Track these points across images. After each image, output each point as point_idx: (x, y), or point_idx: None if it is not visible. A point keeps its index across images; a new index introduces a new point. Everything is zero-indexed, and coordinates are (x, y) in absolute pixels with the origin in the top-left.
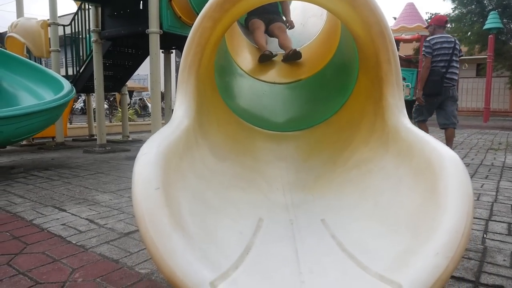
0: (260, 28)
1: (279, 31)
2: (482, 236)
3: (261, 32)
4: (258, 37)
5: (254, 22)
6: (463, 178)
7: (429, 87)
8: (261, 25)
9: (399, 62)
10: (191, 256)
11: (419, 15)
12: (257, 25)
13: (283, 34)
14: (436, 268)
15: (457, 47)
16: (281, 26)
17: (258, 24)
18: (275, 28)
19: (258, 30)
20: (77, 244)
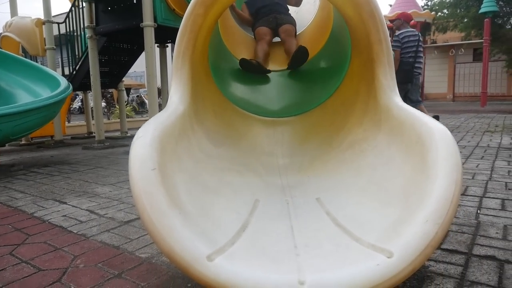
0: (264, 39)
1: (286, 35)
2: (476, 211)
3: (264, 43)
4: (259, 49)
5: (259, 31)
6: (451, 149)
7: (401, 76)
8: (267, 35)
9: (390, 42)
10: (188, 232)
11: (414, 1)
12: (262, 35)
13: (290, 39)
14: (426, 235)
15: (420, 39)
16: (288, 29)
17: (263, 34)
18: (282, 31)
19: (261, 42)
20: (78, 233)
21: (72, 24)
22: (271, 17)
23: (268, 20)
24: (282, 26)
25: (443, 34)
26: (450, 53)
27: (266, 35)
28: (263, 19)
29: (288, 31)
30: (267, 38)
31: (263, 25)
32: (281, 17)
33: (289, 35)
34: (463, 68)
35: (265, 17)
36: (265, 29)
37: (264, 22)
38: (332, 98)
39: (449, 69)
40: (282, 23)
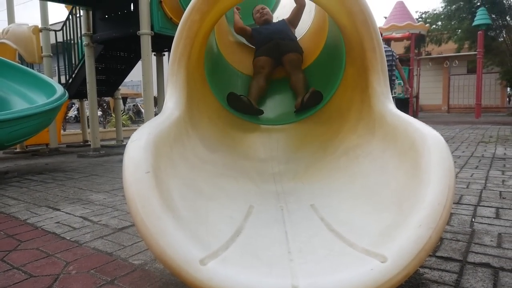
0: (261, 72)
1: (290, 66)
2: (471, 220)
3: (261, 78)
4: (253, 85)
5: (257, 62)
6: (444, 154)
7: None
8: (265, 67)
9: (383, 50)
10: (181, 236)
11: (409, 14)
12: (260, 68)
13: (296, 72)
14: (419, 239)
15: (394, 54)
16: (293, 59)
17: (261, 67)
18: (287, 61)
19: (258, 76)
20: (71, 240)
21: (69, 31)
22: (272, 44)
23: (269, 47)
24: (286, 55)
25: (438, 46)
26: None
27: (265, 67)
28: (264, 47)
29: (293, 62)
30: (265, 71)
31: (263, 54)
32: (284, 43)
33: (295, 66)
34: (458, 80)
35: (266, 43)
36: (264, 60)
37: (264, 51)
38: (327, 105)
39: (444, 80)
40: (286, 51)
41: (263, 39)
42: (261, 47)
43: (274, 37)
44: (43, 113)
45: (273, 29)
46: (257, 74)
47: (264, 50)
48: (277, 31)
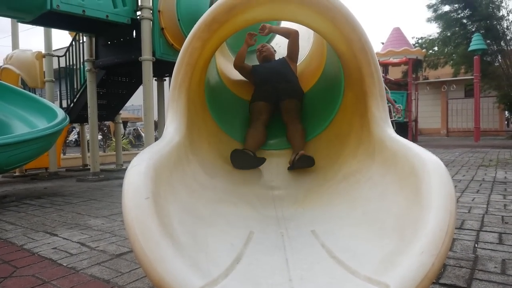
0: (259, 119)
1: (287, 115)
2: (474, 245)
3: (259, 126)
4: (250, 134)
5: (254, 108)
6: (444, 179)
7: None
8: (263, 113)
9: (381, 76)
10: (180, 263)
11: (405, 39)
12: (257, 114)
13: (294, 122)
14: (422, 266)
15: None
16: (291, 107)
17: (258, 113)
18: (283, 109)
19: (255, 124)
20: (67, 266)
21: (72, 57)
22: (270, 87)
23: (267, 91)
24: (283, 102)
25: (435, 70)
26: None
27: (262, 114)
28: (260, 90)
29: (290, 111)
30: (263, 117)
31: (260, 99)
32: (282, 87)
33: (291, 116)
34: (456, 104)
35: (263, 86)
36: (262, 105)
37: (261, 94)
38: (326, 130)
39: (442, 104)
40: (283, 96)
41: (260, 81)
42: (258, 90)
43: (272, 79)
44: (44, 137)
45: (271, 70)
46: (255, 121)
47: (261, 95)
48: (275, 72)
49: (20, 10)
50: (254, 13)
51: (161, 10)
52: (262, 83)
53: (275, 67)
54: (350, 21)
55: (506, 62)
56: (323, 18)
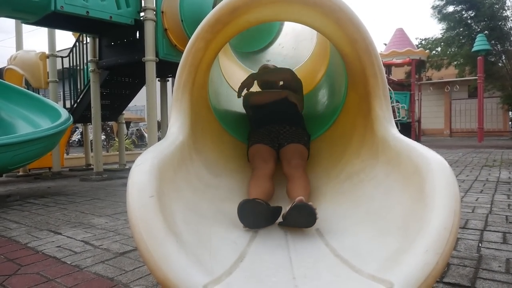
0: (263, 169)
1: (288, 165)
2: (478, 245)
3: (263, 179)
4: (253, 187)
5: (254, 151)
6: (449, 178)
7: None
8: (268, 161)
9: (385, 76)
10: (184, 261)
11: (408, 40)
12: (261, 162)
13: (298, 175)
14: (426, 265)
15: None
16: (297, 155)
17: (262, 160)
18: (284, 157)
19: (258, 175)
20: (72, 264)
21: (75, 58)
22: (272, 128)
23: (270, 132)
24: (288, 146)
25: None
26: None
27: (267, 162)
28: (263, 129)
29: (291, 161)
30: (268, 167)
31: (262, 141)
32: (285, 131)
33: (293, 165)
34: (459, 104)
35: (265, 125)
36: (266, 151)
37: (263, 135)
38: (330, 130)
39: (445, 105)
40: (285, 141)
41: (259, 119)
42: (257, 129)
43: (273, 119)
44: (47, 137)
45: (271, 108)
46: (258, 169)
47: (264, 134)
48: (276, 111)
49: (24, 11)
50: (258, 14)
51: (164, 11)
52: (261, 122)
53: (276, 104)
54: (354, 22)
55: (511, 62)
56: (327, 19)
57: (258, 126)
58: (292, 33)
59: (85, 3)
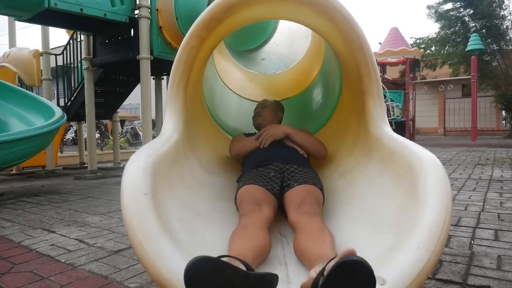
0: (254, 216)
1: (301, 213)
2: (470, 242)
3: (254, 223)
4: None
5: (243, 193)
6: (440, 176)
7: None
8: (263, 205)
9: (379, 74)
10: (179, 258)
11: (403, 39)
12: (252, 208)
13: (315, 224)
14: (418, 261)
15: None
16: (311, 201)
17: (254, 202)
18: (295, 201)
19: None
20: (65, 263)
21: (69, 55)
22: (274, 167)
23: (267, 173)
24: (293, 189)
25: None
26: (439, 89)
27: (262, 204)
28: (256, 170)
29: (305, 205)
30: (262, 213)
31: (256, 182)
32: (292, 170)
33: (306, 211)
34: (453, 103)
35: (261, 166)
36: (259, 192)
37: (258, 175)
38: (324, 128)
39: (439, 104)
40: (294, 181)
41: (255, 158)
42: (251, 170)
43: (276, 157)
44: (41, 135)
45: (272, 148)
46: (247, 216)
47: (258, 175)
48: (279, 149)
49: (17, 8)
50: (253, 12)
51: (159, 9)
52: (258, 163)
53: (278, 146)
54: (348, 21)
55: (505, 61)
56: (321, 18)
57: (253, 167)
58: (287, 31)
59: (79, 0)
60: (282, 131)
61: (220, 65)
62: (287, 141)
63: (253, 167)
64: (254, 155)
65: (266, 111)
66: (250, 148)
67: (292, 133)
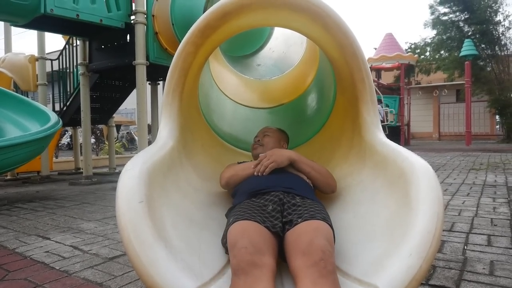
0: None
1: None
2: (463, 247)
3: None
4: None
5: (236, 233)
6: (433, 183)
7: None
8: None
9: (372, 81)
10: (173, 266)
11: (398, 45)
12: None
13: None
14: (410, 269)
15: None
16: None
17: (251, 249)
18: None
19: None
20: (60, 270)
21: (65, 61)
22: (272, 197)
23: (264, 206)
24: (297, 227)
25: (427, 76)
26: (434, 94)
27: (265, 254)
28: (250, 201)
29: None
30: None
31: (252, 217)
32: (295, 202)
33: (314, 261)
34: (447, 108)
35: (256, 195)
36: (257, 231)
37: (254, 207)
38: (319, 134)
39: (434, 109)
40: (298, 215)
41: (249, 186)
42: (244, 202)
43: (276, 186)
44: (36, 140)
45: (272, 176)
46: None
47: (254, 209)
48: (280, 178)
49: (13, 14)
50: (247, 19)
51: (155, 15)
52: (251, 189)
53: (279, 173)
54: (341, 27)
55: (499, 67)
56: (315, 24)
57: (246, 197)
58: (282, 38)
59: (75, 6)
60: (287, 157)
61: (215, 71)
62: (290, 169)
63: (246, 197)
64: (247, 184)
65: (269, 140)
66: (243, 176)
67: (298, 160)
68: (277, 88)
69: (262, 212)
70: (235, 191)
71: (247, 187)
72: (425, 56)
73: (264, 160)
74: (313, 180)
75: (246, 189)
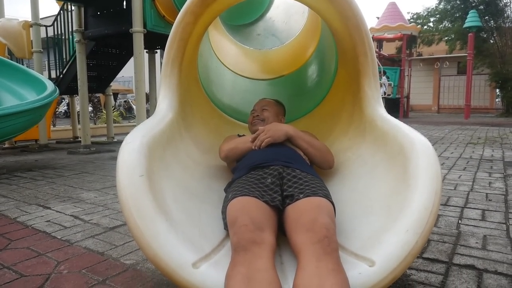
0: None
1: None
2: (457, 222)
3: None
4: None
5: (236, 209)
6: (431, 160)
7: None
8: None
9: (375, 55)
10: (174, 239)
11: (401, 15)
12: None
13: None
14: (406, 244)
15: None
16: (323, 222)
17: (251, 225)
18: (303, 223)
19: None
20: (62, 239)
21: (60, 27)
22: (271, 171)
23: (263, 180)
24: (298, 203)
25: (429, 47)
26: (435, 66)
27: (264, 230)
28: (249, 175)
29: (316, 229)
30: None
31: (251, 192)
32: (294, 175)
33: (318, 239)
34: (448, 81)
35: (255, 169)
36: (257, 207)
37: (253, 182)
38: (319, 107)
39: (434, 81)
40: (298, 191)
41: (249, 161)
42: (245, 176)
43: (275, 160)
44: (34, 109)
45: (271, 150)
46: (246, 252)
47: (254, 183)
48: (279, 153)
49: None
50: None
51: None
52: (251, 164)
53: (277, 147)
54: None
55: (502, 39)
56: None
57: (245, 171)
58: (283, 6)
59: None
60: (283, 133)
61: (215, 40)
62: (288, 144)
63: (246, 172)
64: (247, 159)
65: (268, 115)
66: (243, 149)
67: (295, 135)
68: (277, 59)
69: (260, 185)
70: (235, 166)
71: (246, 162)
72: (428, 26)
73: (261, 135)
74: (310, 156)
75: (246, 164)
